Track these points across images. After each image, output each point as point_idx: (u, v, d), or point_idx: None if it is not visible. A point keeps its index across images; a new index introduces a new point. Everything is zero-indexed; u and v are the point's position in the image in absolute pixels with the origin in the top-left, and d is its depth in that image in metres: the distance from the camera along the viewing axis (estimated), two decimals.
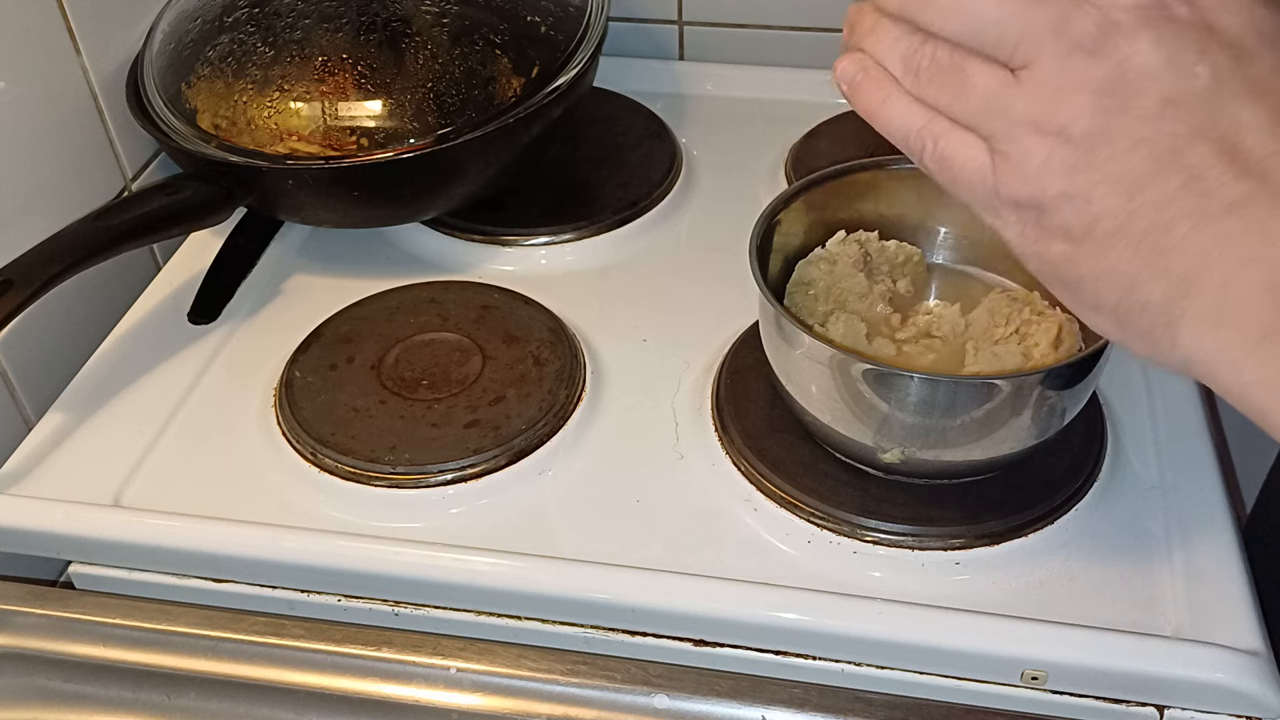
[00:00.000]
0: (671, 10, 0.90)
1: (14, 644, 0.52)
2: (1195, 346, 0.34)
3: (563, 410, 0.61)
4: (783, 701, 0.48)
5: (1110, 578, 0.54)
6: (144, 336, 0.69)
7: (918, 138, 0.37)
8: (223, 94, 0.68)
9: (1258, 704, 0.49)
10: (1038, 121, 0.34)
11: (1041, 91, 0.34)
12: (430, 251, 0.74)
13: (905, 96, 0.37)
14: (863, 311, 0.59)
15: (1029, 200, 0.35)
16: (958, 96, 0.36)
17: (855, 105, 0.39)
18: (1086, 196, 0.34)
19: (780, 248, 0.60)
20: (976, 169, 0.36)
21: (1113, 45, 0.33)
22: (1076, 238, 0.35)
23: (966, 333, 0.58)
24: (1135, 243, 0.33)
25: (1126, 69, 0.33)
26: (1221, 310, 0.33)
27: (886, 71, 0.37)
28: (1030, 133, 0.34)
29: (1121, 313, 0.35)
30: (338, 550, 0.55)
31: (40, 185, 0.68)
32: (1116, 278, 0.34)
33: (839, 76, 0.39)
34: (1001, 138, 0.35)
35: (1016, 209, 0.36)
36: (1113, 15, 0.33)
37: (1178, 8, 0.33)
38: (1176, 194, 0.33)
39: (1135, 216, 0.33)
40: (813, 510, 0.56)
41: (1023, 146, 0.34)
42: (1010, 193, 0.35)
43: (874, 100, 0.38)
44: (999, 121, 0.35)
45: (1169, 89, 0.33)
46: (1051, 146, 0.34)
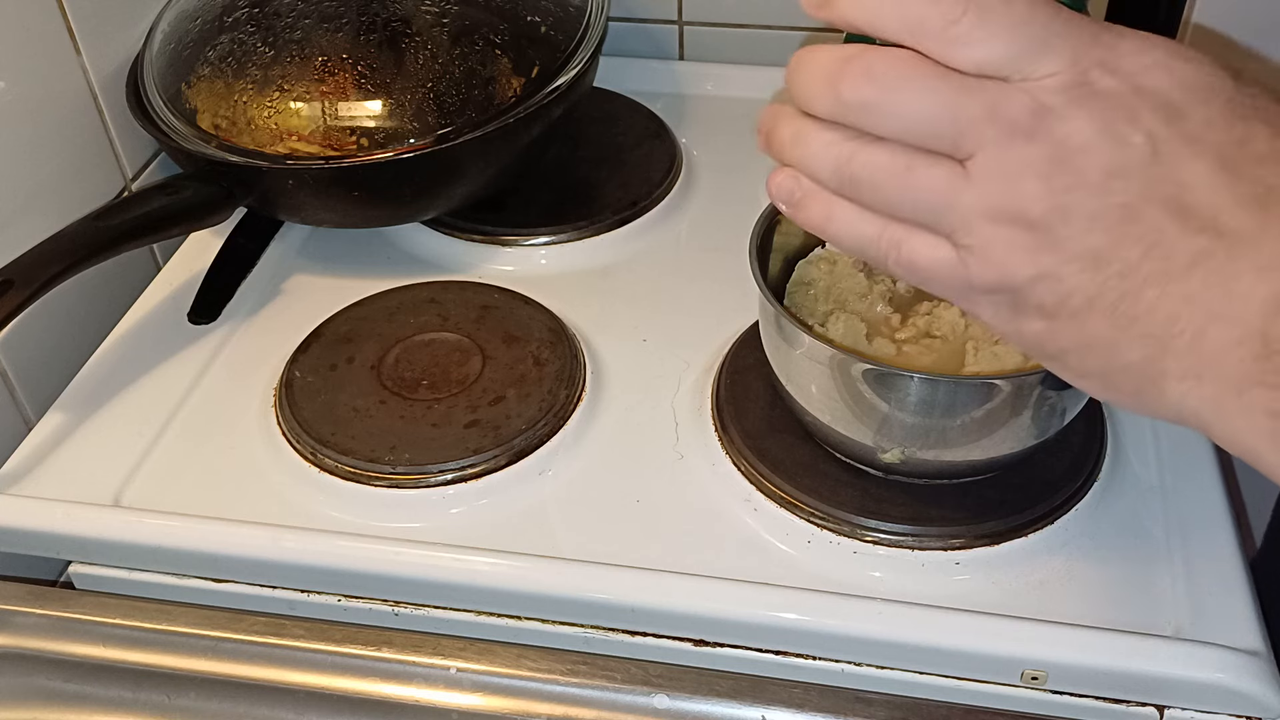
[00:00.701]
0: (671, 10, 0.90)
1: (14, 644, 0.52)
2: (1181, 402, 0.34)
3: (563, 410, 0.61)
4: (783, 701, 0.48)
5: (1110, 578, 0.54)
6: (144, 336, 0.69)
7: (877, 247, 0.37)
8: (223, 94, 0.68)
9: (1258, 704, 0.49)
10: (994, 211, 0.34)
11: (991, 181, 0.34)
12: (430, 251, 0.74)
13: (850, 208, 0.37)
14: (863, 311, 0.59)
15: (1001, 286, 0.35)
16: (906, 198, 0.35)
17: (800, 223, 0.39)
18: (1056, 275, 0.34)
19: (780, 248, 0.60)
20: (945, 265, 0.36)
21: (1046, 127, 0.33)
22: (1051, 314, 0.35)
23: (966, 333, 0.58)
24: (1108, 313, 0.34)
25: (1065, 149, 0.33)
26: (1199, 368, 0.33)
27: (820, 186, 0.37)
28: (989, 223, 0.34)
29: (1108, 377, 0.36)
30: (338, 550, 0.55)
31: (40, 185, 0.68)
32: (1096, 347, 0.35)
33: (774, 196, 0.39)
34: (961, 232, 0.35)
35: (990, 294, 0.36)
36: (1041, 98, 0.33)
37: (1103, 80, 0.33)
38: (1139, 261, 0.33)
39: (1104, 289, 0.34)
40: (813, 510, 0.56)
41: (985, 237, 0.35)
42: (983, 282, 0.36)
43: (819, 217, 0.38)
44: (954, 216, 0.35)
45: (1109, 161, 0.33)
46: (1012, 234, 0.34)
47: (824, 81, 0.35)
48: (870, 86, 0.34)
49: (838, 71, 0.35)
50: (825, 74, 0.35)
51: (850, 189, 0.36)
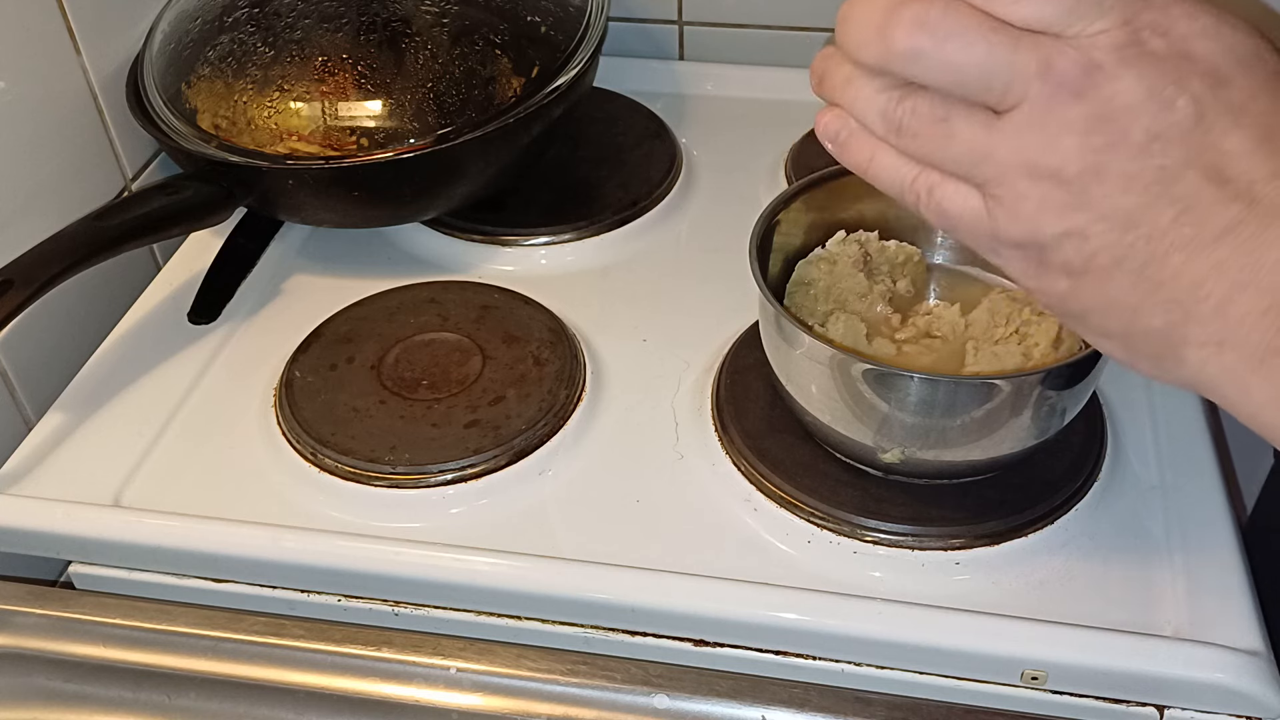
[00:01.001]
0: (671, 10, 0.90)
1: (14, 644, 0.52)
2: (1200, 369, 0.35)
3: (563, 410, 0.61)
4: (783, 701, 0.48)
5: (1110, 578, 0.54)
6: (144, 336, 0.69)
7: (911, 191, 0.38)
8: (223, 94, 0.68)
9: (1258, 704, 0.49)
10: (1028, 165, 0.34)
11: (1030, 134, 0.34)
12: (430, 251, 0.74)
13: (891, 151, 0.37)
14: (863, 311, 0.59)
15: (1028, 241, 0.36)
16: (943, 147, 0.36)
17: (842, 162, 0.39)
18: (1083, 234, 0.34)
19: (780, 248, 0.60)
20: (974, 215, 0.36)
21: (1095, 85, 0.33)
22: (1077, 273, 0.35)
23: (966, 333, 0.58)
24: (1134, 275, 0.34)
25: (1111, 107, 0.33)
26: (1222, 335, 0.33)
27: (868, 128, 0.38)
28: (1022, 176, 0.35)
29: (1128, 339, 0.36)
30: (338, 550, 0.55)
31: (40, 185, 0.68)
32: (1119, 309, 0.35)
33: (821, 134, 0.39)
34: (993, 183, 0.35)
35: (1017, 248, 0.36)
36: (1093, 55, 0.33)
37: (1153, 41, 0.33)
38: (1170, 226, 0.33)
39: (1132, 250, 0.34)
40: (813, 510, 0.56)
41: (1017, 191, 0.35)
42: (1009, 235, 0.36)
43: (861, 158, 0.38)
44: (989, 168, 0.35)
45: (1153, 123, 0.33)
46: (1045, 189, 0.34)
47: (875, 29, 0.35)
48: (923, 35, 0.34)
49: (890, 19, 0.35)
50: (877, 21, 0.35)
51: (893, 135, 0.37)
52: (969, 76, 0.34)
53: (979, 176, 0.36)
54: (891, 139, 0.37)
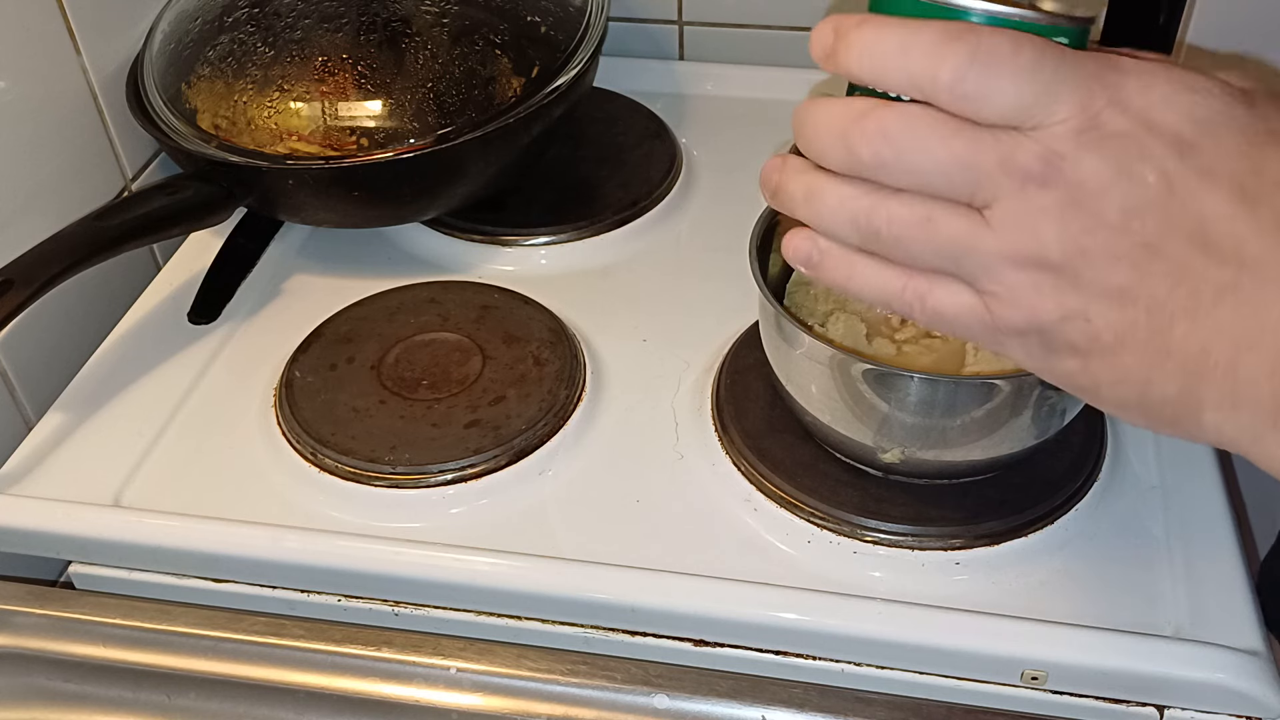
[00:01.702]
0: (671, 10, 0.90)
1: (14, 644, 0.52)
2: (1219, 430, 0.35)
3: (563, 410, 0.61)
4: (783, 701, 0.48)
5: (1110, 578, 0.54)
6: (144, 336, 0.69)
7: (902, 300, 0.37)
8: (223, 94, 0.68)
9: (1258, 704, 0.49)
10: (1015, 256, 0.34)
11: (1010, 228, 0.34)
12: (430, 251, 0.74)
13: (871, 263, 0.37)
14: (863, 311, 0.59)
15: (1029, 328, 0.36)
16: (928, 247, 0.36)
17: (822, 282, 0.39)
18: (1084, 315, 0.35)
19: (780, 248, 0.60)
20: (971, 312, 0.36)
21: (1060, 173, 0.33)
22: (1083, 353, 0.36)
23: None
24: (1140, 348, 0.34)
25: (1081, 192, 0.33)
26: (1234, 397, 0.34)
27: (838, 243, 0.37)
28: (1011, 268, 0.35)
29: (1145, 409, 0.36)
30: (338, 550, 0.55)
31: (40, 185, 0.68)
32: (1131, 381, 0.35)
33: (792, 258, 0.39)
34: (984, 278, 0.35)
35: (1020, 337, 0.36)
36: (1053, 145, 0.33)
37: (1112, 120, 0.33)
38: (1167, 296, 0.33)
39: (1134, 325, 0.34)
40: (813, 510, 0.56)
41: (1008, 282, 0.35)
42: (1010, 325, 0.36)
43: (840, 275, 0.38)
44: (977, 262, 0.35)
45: (1126, 201, 0.33)
46: (1035, 277, 0.35)
47: (836, 137, 0.35)
48: (884, 143, 0.34)
49: (850, 128, 0.35)
50: (837, 129, 0.35)
51: (872, 243, 0.37)
52: (936, 179, 0.35)
53: (968, 273, 0.36)
54: (870, 246, 0.37)
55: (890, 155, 0.35)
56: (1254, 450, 0.35)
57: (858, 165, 0.35)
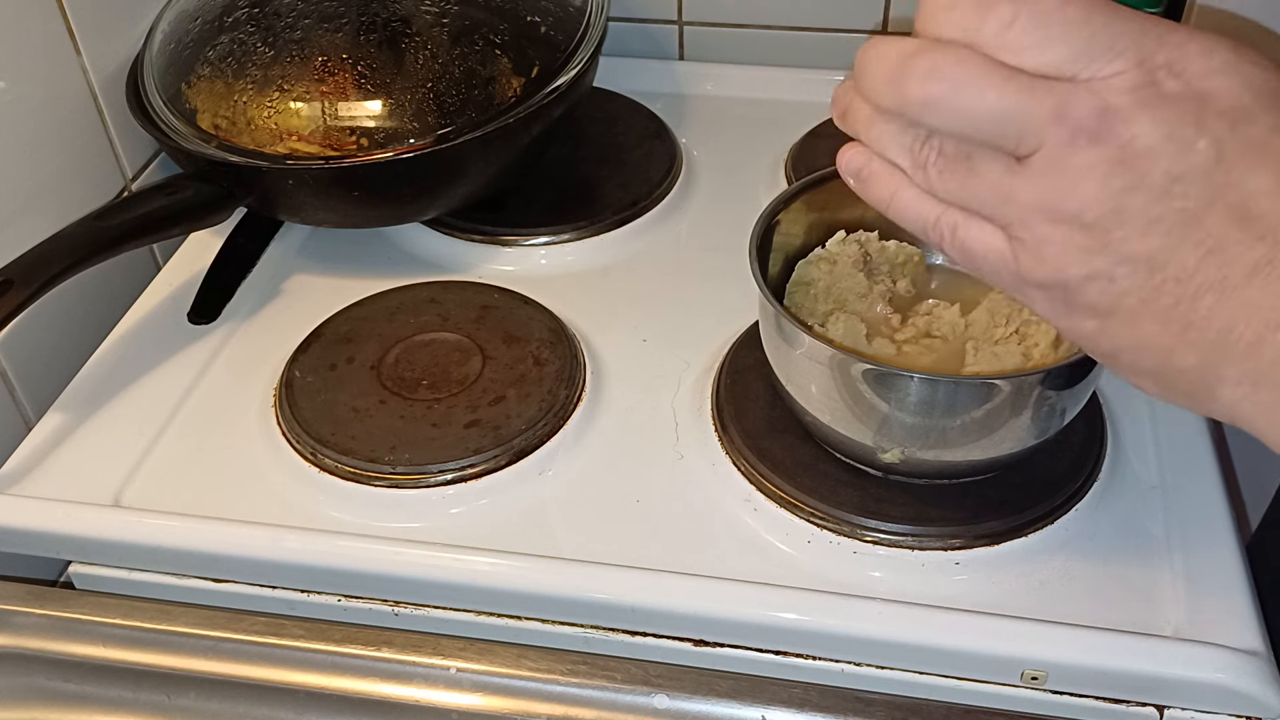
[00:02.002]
0: (671, 10, 0.90)
1: (14, 644, 0.52)
2: (1235, 406, 0.35)
3: (563, 410, 0.61)
4: (783, 701, 0.48)
5: (1110, 578, 0.54)
6: (144, 336, 0.69)
7: (935, 229, 0.37)
8: (223, 94, 0.68)
9: (1258, 704, 0.49)
10: (1049, 209, 0.34)
11: (1050, 179, 0.34)
12: (430, 251, 0.74)
13: (914, 189, 0.37)
14: (863, 311, 0.59)
15: (1053, 283, 0.36)
16: (966, 187, 0.36)
17: (865, 198, 0.39)
18: (1109, 276, 0.34)
19: (780, 248, 0.60)
20: (998, 256, 0.36)
21: (1112, 129, 0.33)
22: (1104, 314, 0.35)
23: (966, 333, 0.58)
24: (1163, 316, 0.34)
25: (1129, 151, 0.33)
26: (1256, 374, 0.33)
27: (890, 164, 0.38)
28: (1044, 220, 0.35)
29: (1162, 378, 0.36)
30: (338, 550, 0.55)
31: (40, 185, 0.68)
32: (1151, 349, 0.35)
33: (844, 169, 0.39)
34: (1016, 225, 0.35)
35: (1042, 290, 0.36)
36: (1109, 99, 0.33)
37: (1169, 82, 0.33)
38: (1197, 267, 0.33)
39: (1160, 292, 0.34)
40: (813, 510, 0.56)
41: (1038, 234, 0.35)
42: (1034, 277, 0.36)
43: (883, 194, 0.38)
44: (1011, 210, 0.35)
45: (1173, 165, 0.33)
46: (1066, 233, 0.34)
47: (889, 79, 0.35)
48: (935, 85, 0.34)
49: (903, 69, 0.35)
50: (890, 70, 0.35)
51: (918, 173, 0.37)
52: (983, 125, 0.34)
53: (1002, 218, 0.36)
54: (916, 175, 0.37)
55: (939, 96, 0.34)
56: (1269, 431, 0.34)
57: (908, 105, 0.35)
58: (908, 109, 0.35)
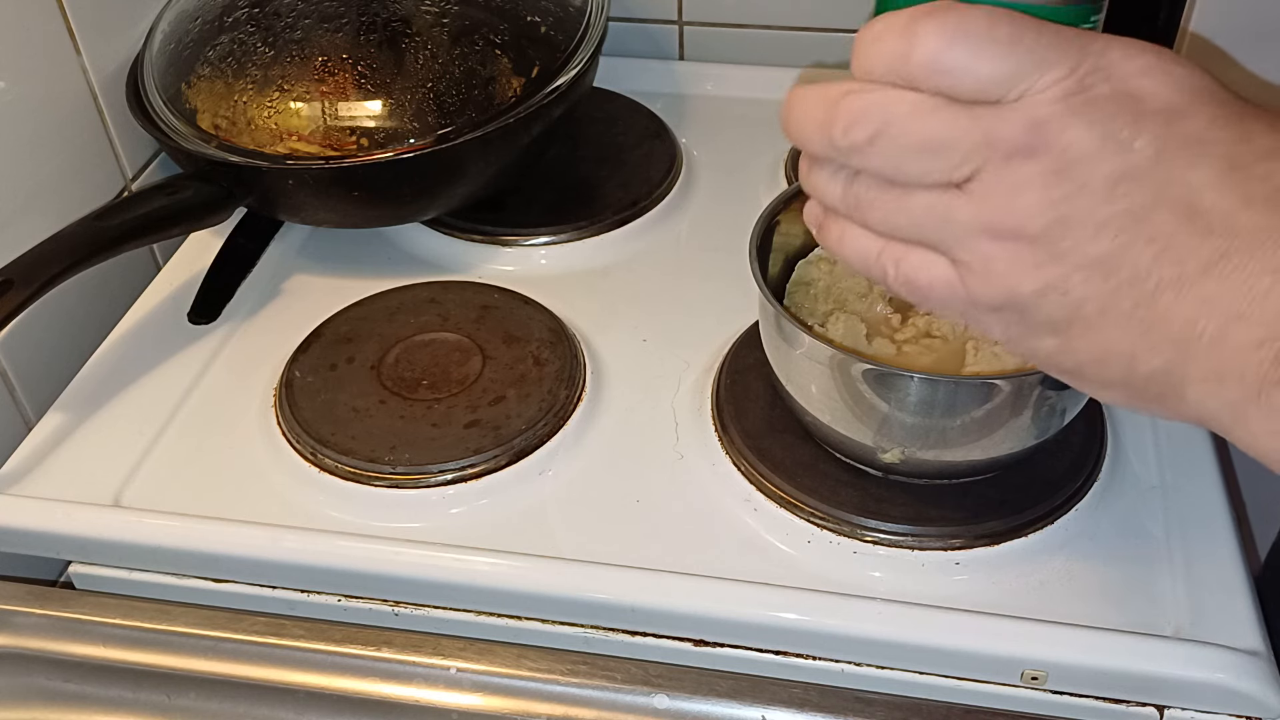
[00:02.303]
0: (671, 10, 0.90)
1: (14, 644, 0.52)
2: (1201, 404, 0.34)
3: (563, 410, 0.61)
4: (783, 701, 0.48)
5: (1110, 578, 0.54)
6: (144, 336, 0.69)
7: (878, 265, 0.37)
8: (223, 94, 0.68)
9: (1258, 704, 0.49)
10: (990, 227, 0.34)
11: (988, 199, 0.34)
12: (430, 251, 0.74)
13: (856, 228, 0.37)
14: (863, 311, 0.59)
15: (1006, 303, 0.35)
16: (903, 213, 0.35)
17: (824, 247, 0.39)
18: (1062, 288, 0.34)
19: (780, 248, 0.60)
20: (944, 284, 0.36)
21: (1045, 140, 0.33)
22: (1063, 329, 0.35)
23: (966, 333, 0.58)
24: (1124, 321, 0.34)
25: (1066, 159, 0.33)
26: (1220, 369, 0.33)
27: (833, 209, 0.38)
28: (986, 239, 0.34)
29: (1129, 386, 0.35)
30: (338, 550, 0.55)
31: (40, 185, 0.68)
32: (1114, 357, 0.35)
33: (807, 221, 0.40)
34: (958, 248, 0.35)
35: (996, 312, 0.36)
36: (1037, 113, 0.33)
37: (1098, 86, 0.33)
38: (1151, 266, 0.33)
39: (1117, 296, 0.33)
40: (813, 510, 0.56)
41: (983, 253, 0.34)
42: (985, 299, 0.35)
43: (833, 239, 0.38)
44: (950, 231, 0.35)
45: (1113, 167, 0.32)
46: (1012, 249, 0.34)
47: (816, 126, 0.35)
48: (860, 130, 0.34)
49: (828, 116, 0.35)
50: (816, 119, 0.35)
51: (854, 212, 0.37)
52: (911, 162, 0.34)
53: (943, 243, 0.35)
54: (854, 215, 0.37)
55: (864, 140, 0.34)
56: (1235, 428, 0.34)
57: (836, 151, 0.35)
58: (837, 155, 0.35)
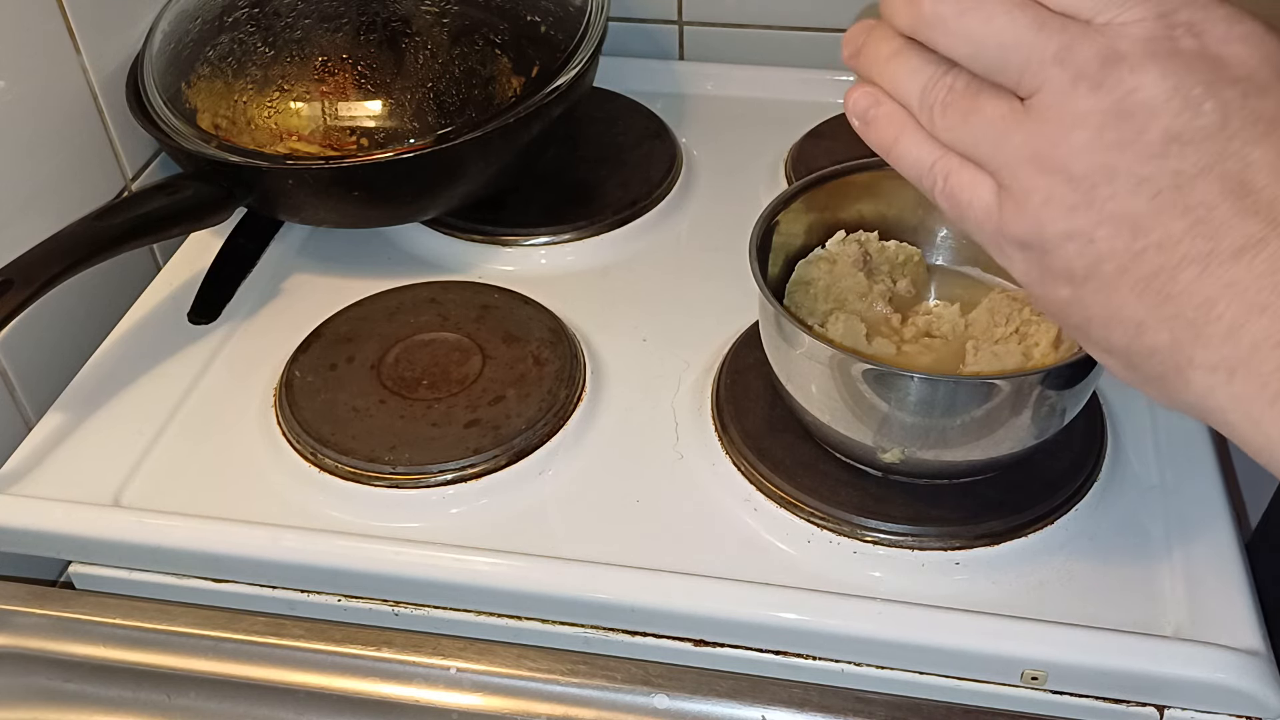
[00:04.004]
0: (671, 10, 0.90)
1: (14, 644, 0.52)
2: (1207, 395, 0.33)
3: (563, 410, 0.61)
4: (783, 701, 0.48)
5: (1110, 578, 0.54)
6: (144, 336, 0.69)
7: (929, 174, 0.36)
8: (223, 94, 0.68)
9: (1258, 704, 0.49)
10: (1039, 157, 0.33)
11: (1044, 124, 0.33)
12: (430, 251, 0.74)
13: (918, 133, 0.36)
14: (863, 311, 0.59)
15: (1031, 240, 0.34)
16: (967, 125, 0.35)
17: (867, 140, 0.38)
18: (1088, 237, 0.33)
19: (780, 248, 0.60)
20: (983, 207, 0.35)
21: (1117, 77, 0.32)
22: (1079, 280, 0.34)
23: (966, 333, 0.58)
24: (1140, 287, 0.33)
25: (1130, 103, 0.32)
26: (1233, 361, 0.32)
27: (899, 107, 0.37)
28: (1032, 169, 0.33)
29: (1130, 356, 0.34)
30: (338, 550, 0.55)
31: (40, 185, 0.68)
32: (1122, 322, 0.34)
33: (850, 110, 0.38)
34: (1005, 172, 0.34)
35: (1021, 249, 0.35)
36: (1118, 45, 0.32)
37: (1185, 39, 0.31)
38: (1182, 236, 0.32)
39: (1139, 259, 0.32)
40: (813, 510, 0.56)
41: (1025, 184, 0.34)
42: (1013, 231, 0.35)
43: (886, 137, 0.37)
44: (1003, 154, 0.34)
45: (1174, 125, 0.31)
46: (1052, 184, 0.33)
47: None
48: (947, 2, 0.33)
49: None
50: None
51: (925, 114, 0.36)
52: (986, 52, 0.33)
53: (993, 163, 0.34)
54: (923, 116, 0.36)
55: (950, 13, 0.33)
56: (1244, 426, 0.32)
57: (919, 22, 0.34)
58: (919, 27, 0.34)
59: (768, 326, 0.56)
